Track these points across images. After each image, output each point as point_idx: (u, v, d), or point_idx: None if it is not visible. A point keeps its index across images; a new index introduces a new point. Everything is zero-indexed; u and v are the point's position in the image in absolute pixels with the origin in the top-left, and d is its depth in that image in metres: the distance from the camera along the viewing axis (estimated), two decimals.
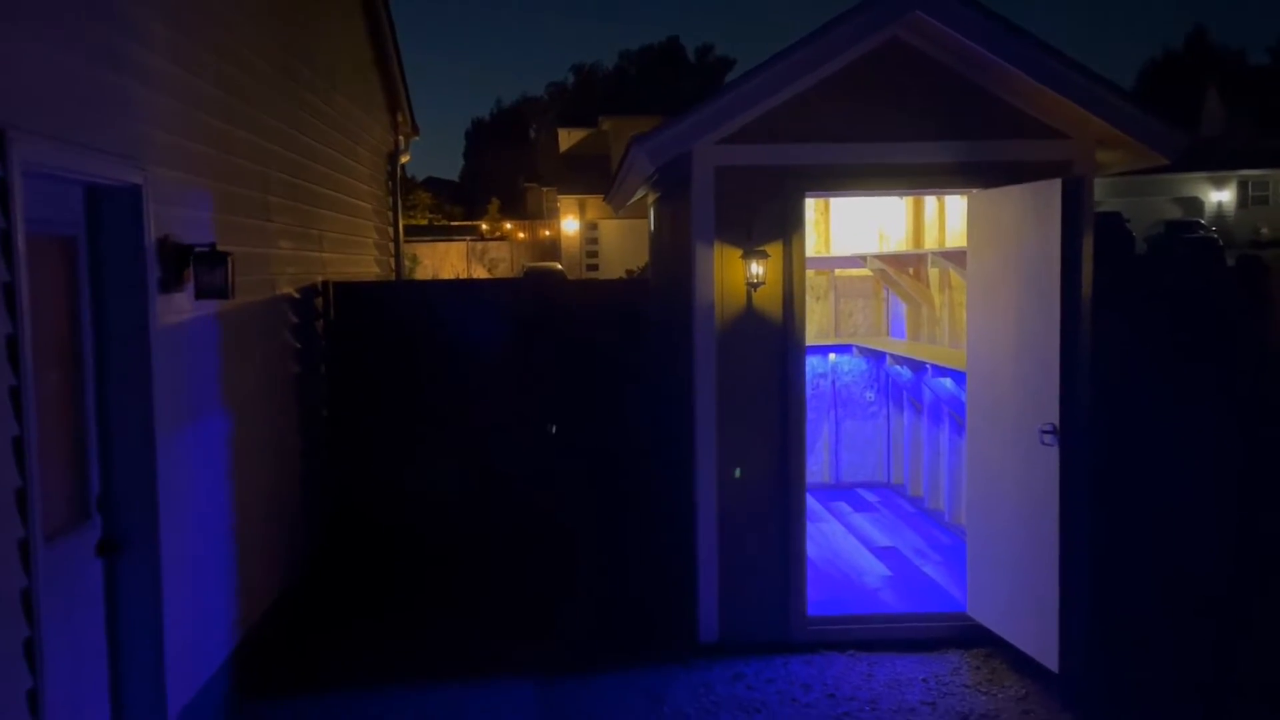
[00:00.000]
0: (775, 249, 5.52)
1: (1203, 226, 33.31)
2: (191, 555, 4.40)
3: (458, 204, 63.19)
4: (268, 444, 5.69)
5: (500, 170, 63.35)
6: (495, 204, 54.75)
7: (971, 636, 5.56)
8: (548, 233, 42.43)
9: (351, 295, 7.11)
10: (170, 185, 4.26)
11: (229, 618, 4.95)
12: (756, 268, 5.45)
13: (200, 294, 4.33)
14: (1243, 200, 39.84)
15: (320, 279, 6.96)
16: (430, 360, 7.11)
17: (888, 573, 6.48)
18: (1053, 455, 4.81)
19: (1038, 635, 5.02)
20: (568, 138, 39.79)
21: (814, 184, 5.54)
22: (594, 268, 34.52)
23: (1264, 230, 37.09)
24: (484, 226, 51.62)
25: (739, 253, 5.50)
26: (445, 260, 37.13)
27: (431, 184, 69.07)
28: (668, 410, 6.89)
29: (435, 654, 5.58)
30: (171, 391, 4.15)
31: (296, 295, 6.36)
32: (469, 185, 71.60)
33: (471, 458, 7.11)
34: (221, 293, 4.30)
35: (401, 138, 10.47)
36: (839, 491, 8.74)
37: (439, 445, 7.07)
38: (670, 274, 7.00)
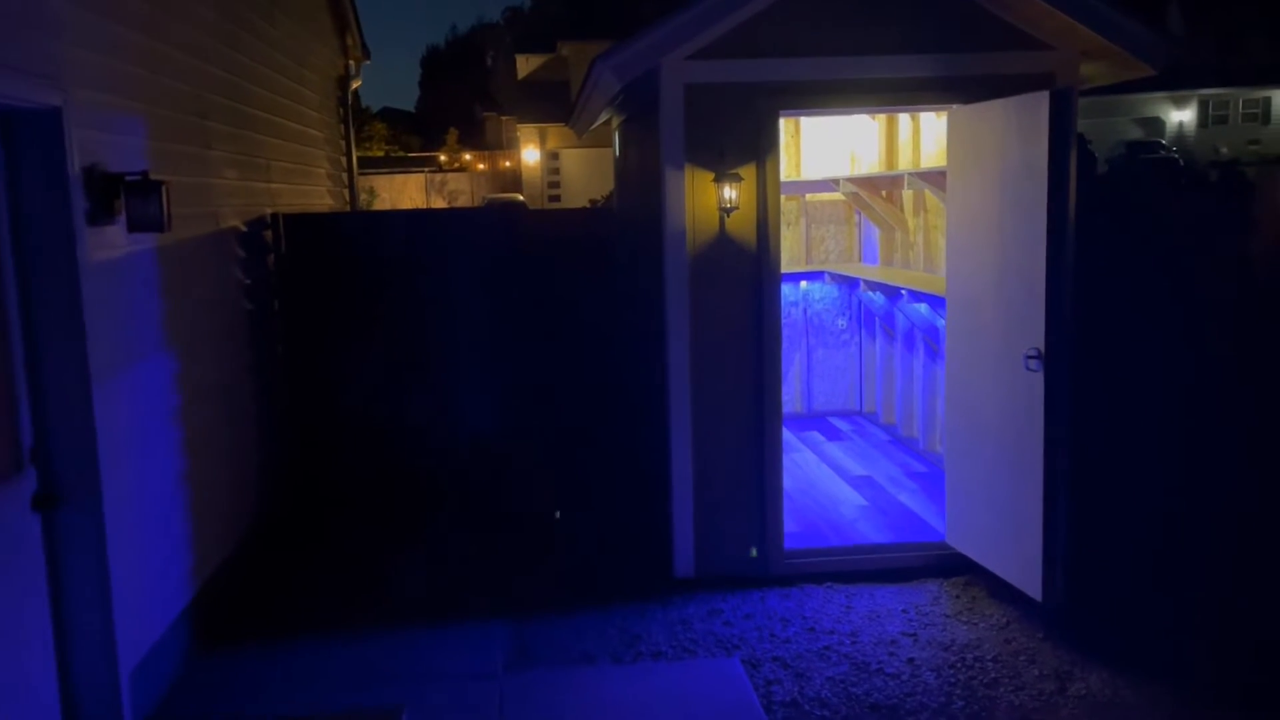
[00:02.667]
0: (749, 172, 5.27)
1: (1164, 147, 33.29)
2: (138, 506, 4.16)
3: (415, 135, 61.81)
4: (217, 386, 5.41)
5: (458, 100, 61.94)
6: (453, 134, 53.58)
7: (950, 565, 5.47)
8: (508, 163, 41.62)
9: (304, 227, 6.76)
10: (96, 109, 3.91)
11: (183, 569, 4.72)
12: (729, 192, 5.20)
13: (134, 227, 4.01)
14: (1203, 120, 39.84)
15: (270, 211, 6.60)
16: (389, 294, 6.82)
17: (864, 502, 6.38)
18: (1037, 380, 4.67)
19: (1020, 562, 4.93)
20: (526, 64, 38.68)
21: (789, 102, 5.27)
22: (556, 198, 33.92)
23: (1224, 150, 37.22)
24: (442, 158, 50.60)
25: (711, 176, 5.25)
26: (403, 193, 36.34)
27: (388, 115, 67.44)
28: (639, 343, 6.67)
29: (407, 598, 5.40)
30: (108, 333, 3.86)
31: (244, 228, 6.02)
32: (426, 116, 70.00)
33: (437, 396, 6.87)
34: (156, 225, 3.98)
35: (352, 62, 9.98)
36: (812, 420, 8.62)
37: (402, 383, 6.82)
38: (638, 201, 6.73)
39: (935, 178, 6.28)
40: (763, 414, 5.38)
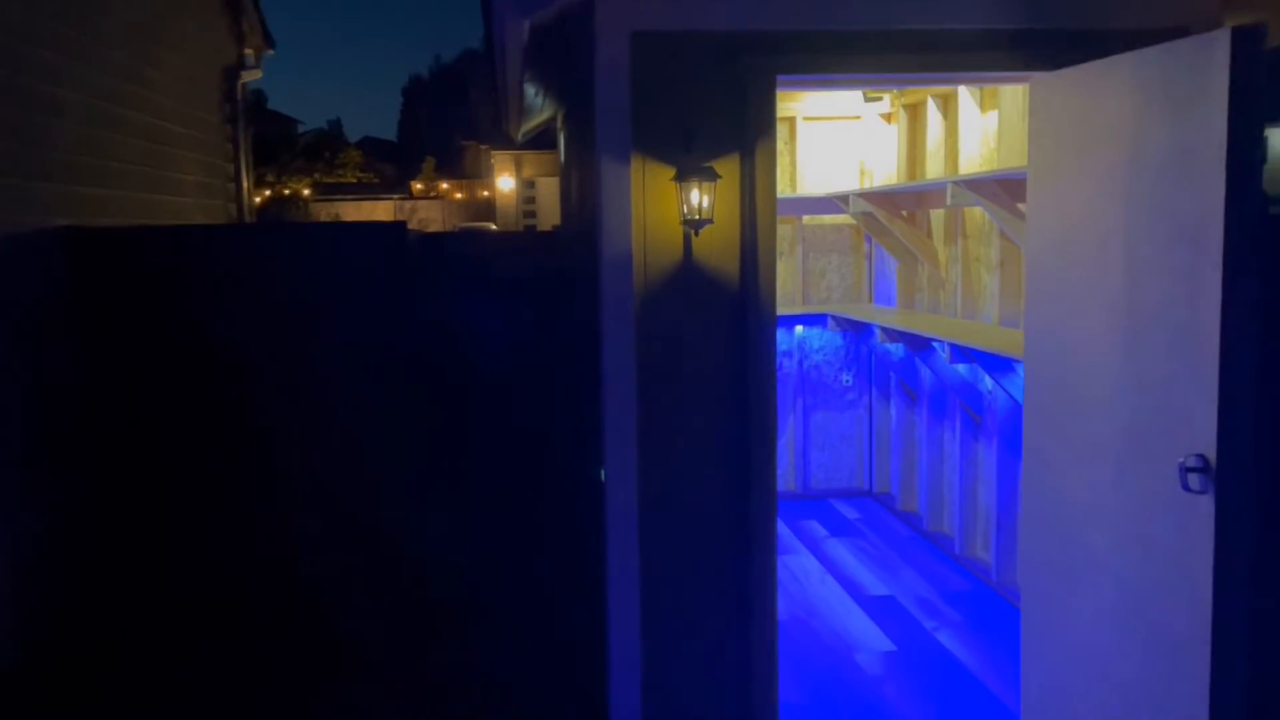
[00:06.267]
0: (729, 167, 3.45)
1: None
2: None
3: (391, 163, 60.11)
4: None
5: (439, 129, 60.48)
6: (430, 163, 51.89)
7: None
8: (486, 193, 40.17)
9: (116, 247, 4.88)
10: None
11: None
12: (699, 197, 3.38)
13: None
14: None
15: (66, 223, 4.74)
16: (243, 337, 4.91)
17: (890, 646, 4.50)
18: (1200, 509, 2.82)
19: None
20: None
21: (793, 62, 3.46)
22: (532, 228, 32.26)
23: None
24: (418, 186, 48.96)
25: (670, 174, 3.43)
26: (370, 220, 34.52)
27: (367, 143, 65.83)
28: (577, 413, 4.81)
29: None
30: None
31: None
32: (406, 144, 68.52)
33: (306, 483, 4.94)
34: None
35: (249, 51, 8.16)
36: (809, 505, 6.76)
37: (263, 466, 4.87)
38: (578, 217, 4.93)
39: (990, 188, 4.49)
40: (751, 527, 3.52)
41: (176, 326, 4.77)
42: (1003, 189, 4.46)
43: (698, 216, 3.39)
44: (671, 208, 3.45)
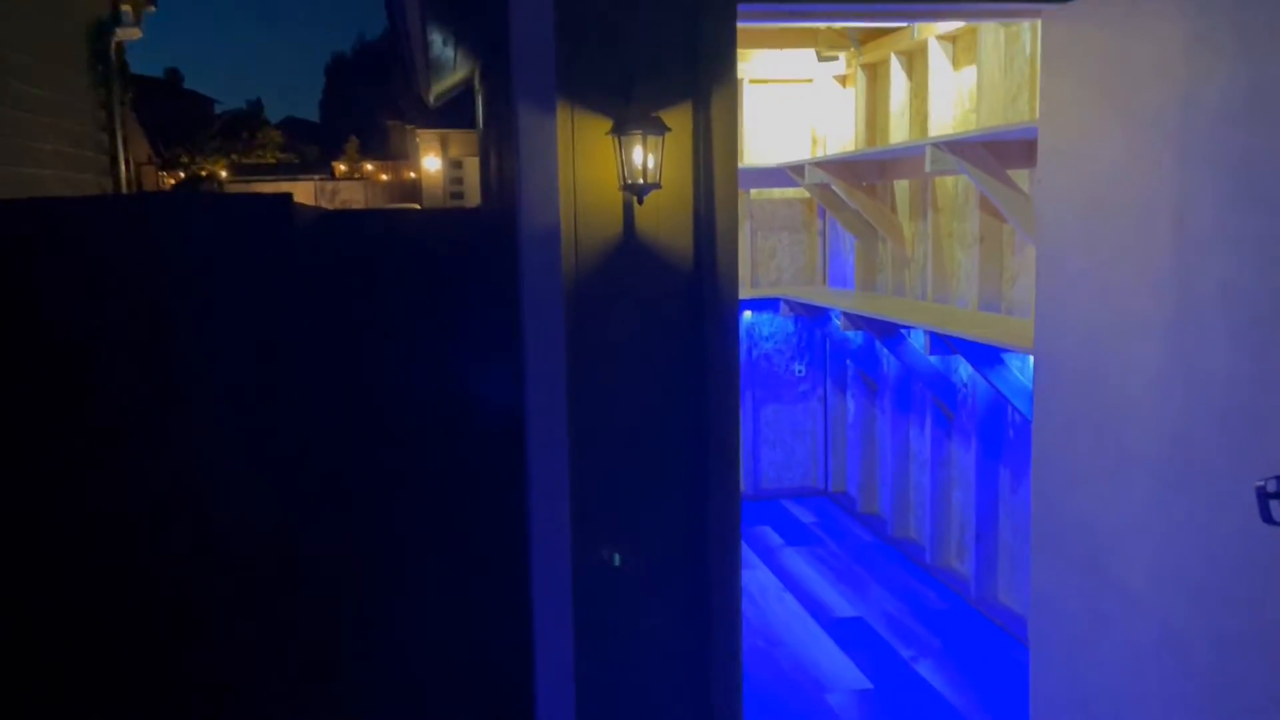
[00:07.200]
0: (679, 119, 2.78)
1: None
2: None
3: (314, 143, 58.20)
4: None
5: (363, 109, 58.70)
6: (354, 143, 50.25)
7: None
8: (412, 174, 38.96)
9: None
10: None
11: None
12: (643, 155, 2.70)
13: None
14: None
15: None
16: (84, 327, 4.08)
17: (865, 683, 3.90)
18: None
19: None
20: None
21: None
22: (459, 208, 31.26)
23: None
24: (341, 167, 47.38)
25: (607, 126, 2.74)
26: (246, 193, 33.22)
27: (289, 124, 63.67)
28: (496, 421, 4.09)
29: None
30: None
31: None
32: (329, 125, 66.48)
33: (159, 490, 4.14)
34: None
35: (127, 8, 7.21)
36: (759, 507, 6.15)
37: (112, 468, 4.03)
38: (498, 191, 4.20)
39: (975, 151, 3.87)
40: (710, 582, 2.86)
41: None
42: (990, 152, 3.86)
43: (641, 180, 2.71)
44: (609, 169, 2.77)
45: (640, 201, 2.76)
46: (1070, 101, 2.80)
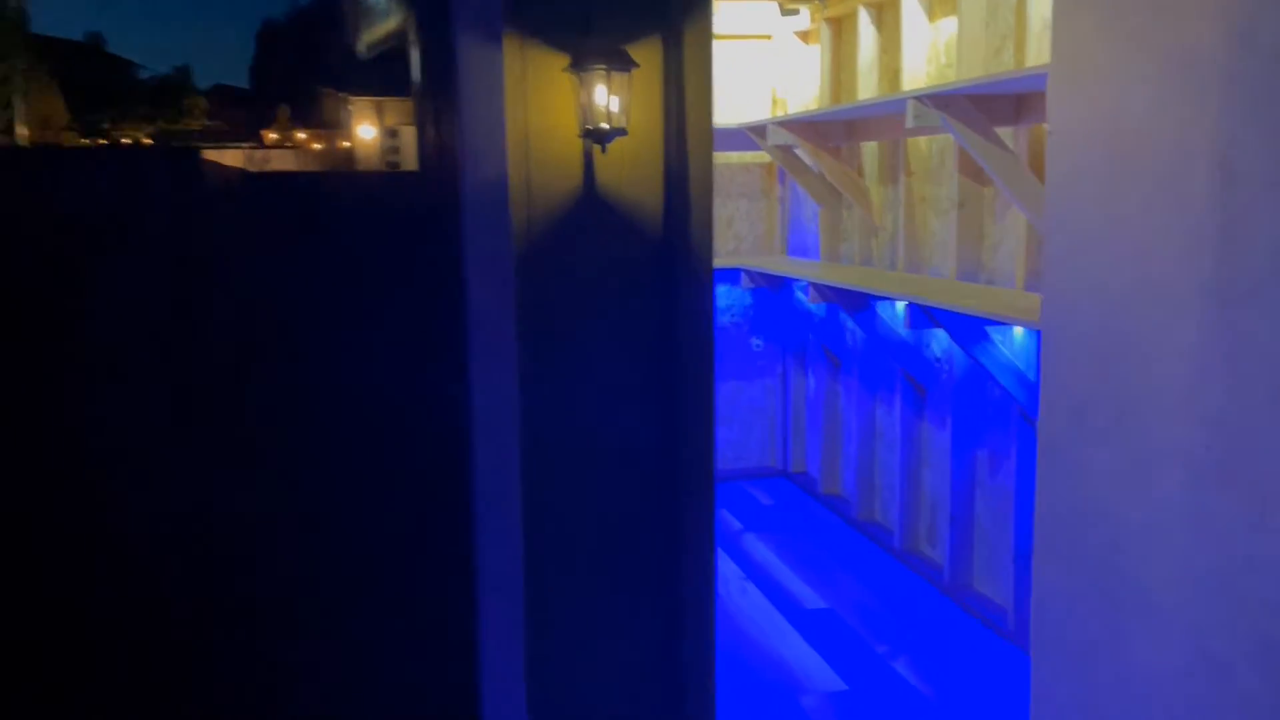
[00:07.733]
0: (647, 54, 2.40)
1: None
2: None
3: (244, 110, 56.72)
4: None
5: (297, 76, 57.31)
6: (284, 111, 49.01)
7: None
8: (347, 143, 38.00)
9: None
10: None
11: None
12: (606, 95, 2.32)
13: None
14: None
15: None
16: None
17: (840, 684, 3.60)
18: None
19: None
20: (370, 36, 34.75)
21: None
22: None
23: None
24: (272, 135, 46.08)
25: (564, 62, 2.35)
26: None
27: (218, 91, 61.91)
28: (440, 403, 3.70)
29: None
30: None
31: None
32: (260, 92, 64.86)
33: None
34: None
35: None
36: (718, 489, 5.82)
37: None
38: (435, 148, 3.78)
39: (961, 106, 3.55)
40: (679, 577, 2.53)
41: None
42: (976, 106, 3.54)
43: (605, 124, 2.33)
44: (567, 113, 2.38)
45: (603, 150, 2.38)
46: (1091, 37, 2.48)
